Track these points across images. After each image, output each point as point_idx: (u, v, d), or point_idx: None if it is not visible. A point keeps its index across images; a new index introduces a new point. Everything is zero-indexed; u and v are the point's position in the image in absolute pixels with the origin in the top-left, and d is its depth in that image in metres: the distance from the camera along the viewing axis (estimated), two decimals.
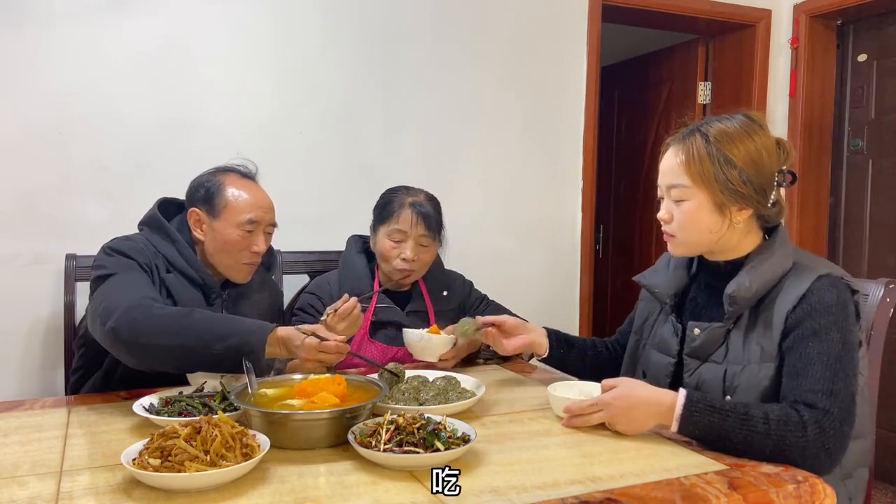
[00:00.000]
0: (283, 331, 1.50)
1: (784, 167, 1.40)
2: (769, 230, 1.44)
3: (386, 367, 1.56)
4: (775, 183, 1.38)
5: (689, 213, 1.39)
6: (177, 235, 1.75)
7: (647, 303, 1.64)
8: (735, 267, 1.41)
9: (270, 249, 1.92)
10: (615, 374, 1.62)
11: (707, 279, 1.49)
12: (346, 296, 1.72)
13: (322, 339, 1.48)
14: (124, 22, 2.40)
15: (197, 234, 1.77)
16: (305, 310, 1.99)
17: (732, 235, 1.40)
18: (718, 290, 1.39)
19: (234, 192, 1.76)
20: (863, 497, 1.42)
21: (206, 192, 1.77)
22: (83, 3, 2.35)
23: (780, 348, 1.32)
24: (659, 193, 1.46)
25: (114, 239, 1.73)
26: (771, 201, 1.38)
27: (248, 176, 1.83)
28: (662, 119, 3.88)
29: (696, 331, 1.42)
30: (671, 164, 1.41)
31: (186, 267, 1.73)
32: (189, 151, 2.47)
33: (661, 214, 1.45)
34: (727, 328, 1.39)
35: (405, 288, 2.04)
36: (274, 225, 1.84)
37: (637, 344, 1.62)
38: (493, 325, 1.68)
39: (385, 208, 1.99)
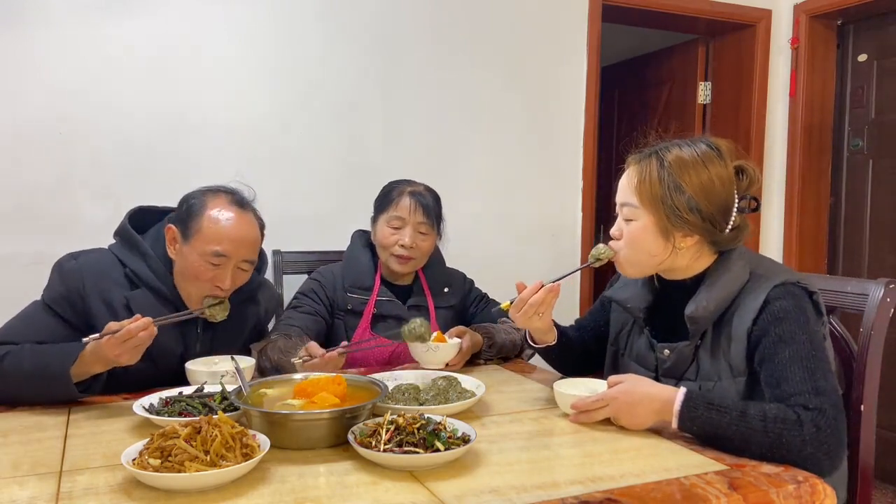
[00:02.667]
0: (89, 347, 1.44)
1: (748, 194, 1.40)
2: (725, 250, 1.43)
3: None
4: (735, 209, 1.38)
5: (634, 233, 1.41)
6: (147, 249, 1.65)
7: (619, 314, 1.64)
8: (693, 284, 1.42)
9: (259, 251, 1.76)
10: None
11: (668, 296, 1.49)
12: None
13: (115, 331, 1.40)
14: (124, 22, 2.40)
15: (170, 252, 1.65)
16: (306, 293, 1.99)
17: (680, 259, 1.41)
18: (680, 307, 1.40)
19: (211, 218, 1.60)
20: (846, 486, 1.43)
21: (186, 210, 1.64)
22: (83, 3, 2.35)
23: (748, 363, 1.34)
24: (616, 210, 1.47)
25: (68, 253, 1.68)
26: (730, 227, 1.38)
27: (238, 203, 1.66)
28: (662, 119, 3.87)
29: (666, 352, 1.44)
30: (625, 183, 1.44)
31: (156, 282, 1.63)
32: (189, 151, 2.47)
33: (613, 231, 1.47)
34: (695, 346, 1.40)
35: (406, 281, 2.05)
36: (251, 262, 1.67)
37: (615, 354, 1.62)
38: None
39: (385, 198, 2.02)
